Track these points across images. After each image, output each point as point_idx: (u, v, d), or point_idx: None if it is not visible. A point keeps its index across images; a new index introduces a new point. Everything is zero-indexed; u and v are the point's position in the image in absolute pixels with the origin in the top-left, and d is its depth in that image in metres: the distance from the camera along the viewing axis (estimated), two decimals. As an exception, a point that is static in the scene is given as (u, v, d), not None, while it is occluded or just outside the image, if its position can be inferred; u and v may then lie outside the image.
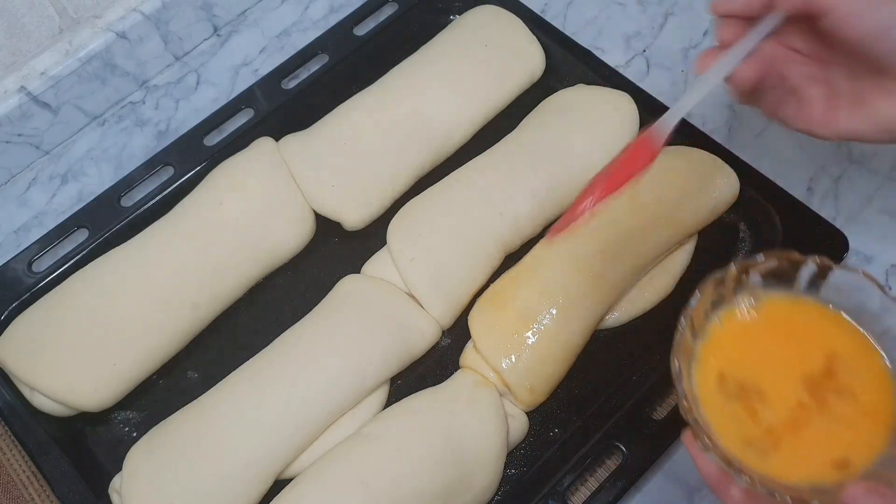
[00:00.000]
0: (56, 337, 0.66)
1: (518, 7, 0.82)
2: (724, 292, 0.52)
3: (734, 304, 0.52)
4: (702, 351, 0.50)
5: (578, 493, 0.62)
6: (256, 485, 0.61)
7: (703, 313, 0.51)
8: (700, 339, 0.51)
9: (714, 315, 0.52)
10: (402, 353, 0.66)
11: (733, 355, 0.51)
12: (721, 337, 0.51)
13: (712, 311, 0.52)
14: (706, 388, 0.49)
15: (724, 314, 0.52)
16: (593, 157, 0.72)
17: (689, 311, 0.50)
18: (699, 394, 0.49)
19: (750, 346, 0.51)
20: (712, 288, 0.51)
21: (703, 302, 0.50)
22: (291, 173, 0.72)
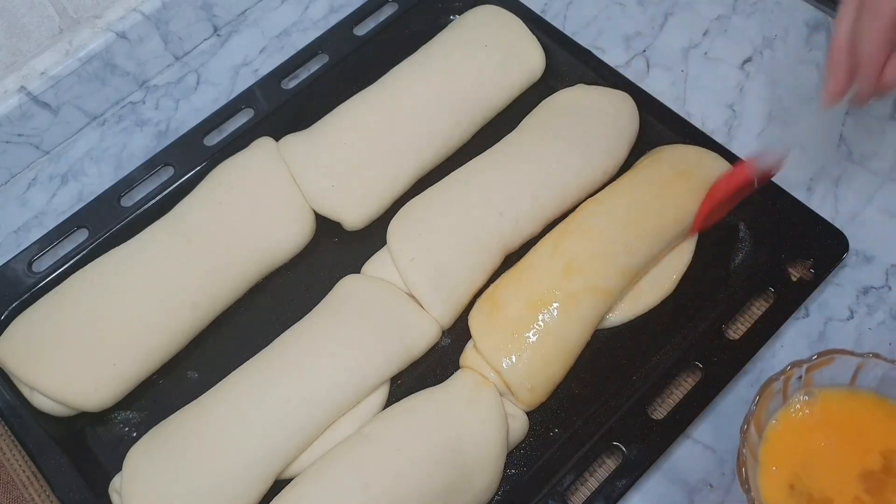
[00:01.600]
0: (56, 337, 0.66)
1: (518, 7, 0.82)
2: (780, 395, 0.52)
3: (790, 404, 0.52)
4: (763, 454, 0.51)
5: (578, 493, 0.62)
6: (256, 485, 0.61)
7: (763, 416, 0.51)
8: (761, 442, 0.51)
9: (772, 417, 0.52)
10: (402, 353, 0.66)
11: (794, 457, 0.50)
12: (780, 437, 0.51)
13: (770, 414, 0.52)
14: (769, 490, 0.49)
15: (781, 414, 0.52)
16: (593, 158, 0.72)
17: (751, 418, 0.50)
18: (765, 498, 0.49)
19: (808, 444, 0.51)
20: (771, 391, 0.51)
21: (762, 405, 0.50)
22: (291, 173, 0.72)
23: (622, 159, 0.73)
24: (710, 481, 0.63)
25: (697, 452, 0.64)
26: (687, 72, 0.82)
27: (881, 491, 0.49)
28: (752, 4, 0.85)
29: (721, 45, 0.83)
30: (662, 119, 0.75)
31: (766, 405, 0.51)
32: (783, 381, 0.51)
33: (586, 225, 0.68)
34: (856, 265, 0.70)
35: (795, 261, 0.68)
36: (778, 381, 0.51)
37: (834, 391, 0.52)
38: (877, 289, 0.70)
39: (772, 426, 0.52)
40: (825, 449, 0.51)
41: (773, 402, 0.52)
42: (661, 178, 0.70)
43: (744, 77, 0.81)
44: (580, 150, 0.72)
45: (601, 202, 0.70)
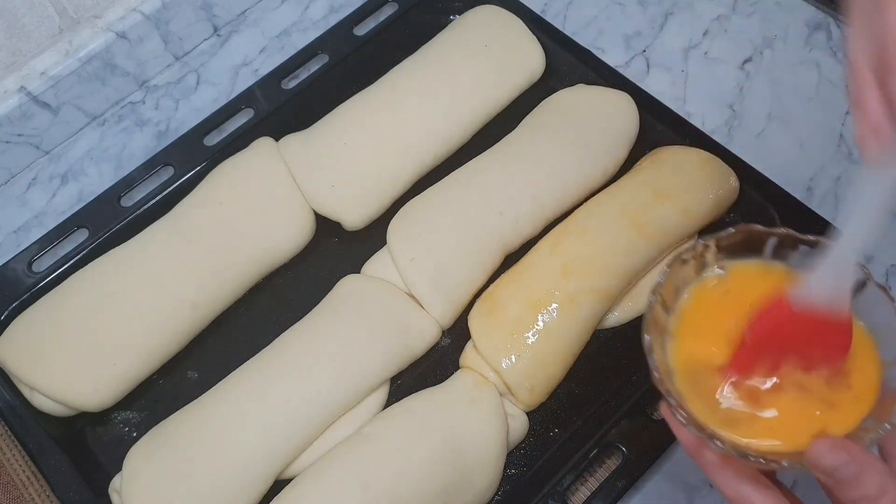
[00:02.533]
0: (56, 337, 0.66)
1: (518, 7, 0.82)
2: (692, 268, 0.52)
3: (703, 279, 0.52)
4: (675, 327, 0.51)
5: (578, 493, 0.62)
6: (256, 485, 0.61)
7: (674, 290, 0.51)
8: (672, 315, 0.51)
9: (685, 290, 0.52)
10: (402, 353, 0.66)
11: (705, 329, 0.51)
12: (692, 311, 0.52)
13: (683, 287, 0.52)
14: (680, 362, 0.50)
15: (693, 288, 0.52)
16: (593, 158, 0.72)
17: (659, 288, 0.50)
18: (673, 367, 0.50)
19: (720, 317, 0.51)
20: (680, 264, 0.51)
21: (671, 278, 0.51)
22: (291, 173, 0.72)
23: (622, 159, 0.73)
24: (710, 482, 0.63)
25: (697, 452, 0.64)
26: (687, 72, 0.82)
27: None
28: (752, 4, 0.85)
29: (721, 45, 0.84)
30: (662, 119, 0.75)
31: (676, 278, 0.51)
32: (695, 256, 0.52)
33: (586, 225, 0.68)
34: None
35: (795, 261, 0.68)
36: (689, 254, 0.51)
37: (747, 266, 0.52)
38: (877, 289, 0.69)
39: (685, 301, 0.52)
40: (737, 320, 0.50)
41: (685, 276, 0.52)
42: (661, 178, 0.70)
43: (744, 77, 0.81)
44: (580, 150, 0.72)
45: (601, 202, 0.70)
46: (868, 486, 0.42)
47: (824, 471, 0.43)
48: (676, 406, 0.47)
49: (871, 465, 0.43)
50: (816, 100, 0.79)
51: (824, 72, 0.81)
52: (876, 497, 0.42)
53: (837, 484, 0.43)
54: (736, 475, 0.47)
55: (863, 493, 0.42)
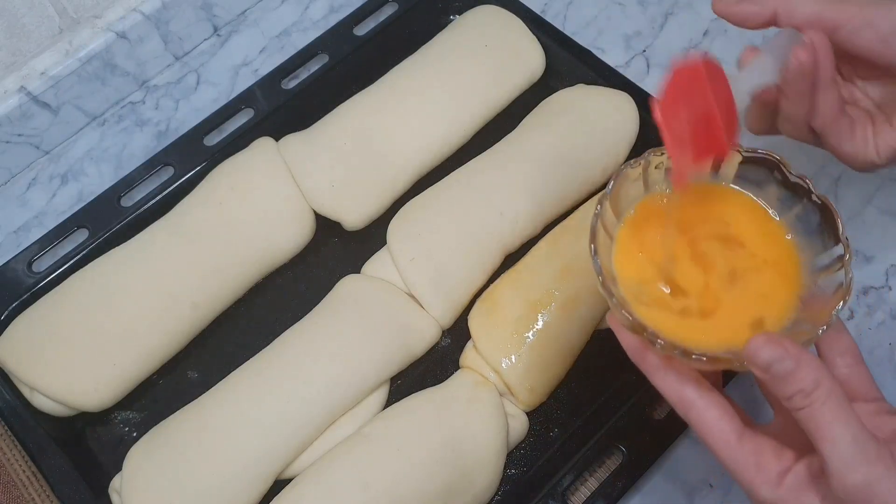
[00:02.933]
0: (56, 337, 0.66)
1: (518, 7, 0.82)
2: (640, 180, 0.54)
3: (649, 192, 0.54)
4: (619, 234, 0.53)
5: (578, 493, 0.62)
6: (256, 485, 0.61)
7: (619, 198, 0.53)
8: (618, 224, 0.53)
9: (632, 203, 0.54)
10: (402, 353, 0.66)
11: (646, 236, 0.53)
12: (636, 221, 0.53)
13: (631, 201, 0.54)
14: (623, 267, 0.51)
15: (640, 201, 0.54)
16: (593, 158, 0.72)
17: (605, 198, 0.52)
18: (617, 272, 0.51)
19: (661, 226, 0.53)
20: (626, 176, 0.53)
21: (617, 187, 0.52)
22: (291, 173, 0.72)
23: (622, 159, 0.73)
24: (710, 481, 0.63)
25: (697, 452, 0.64)
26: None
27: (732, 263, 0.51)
28: (752, 4, 0.85)
29: (721, 45, 0.83)
30: (662, 119, 0.75)
31: (622, 188, 0.53)
32: (642, 168, 0.53)
33: (586, 225, 0.67)
34: (856, 265, 0.70)
35: (795, 261, 0.68)
36: (636, 166, 0.53)
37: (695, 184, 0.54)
38: (877, 289, 0.70)
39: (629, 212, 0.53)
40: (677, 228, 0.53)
41: (633, 190, 0.54)
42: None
43: (744, 77, 0.81)
44: (580, 150, 0.72)
45: (601, 202, 0.70)
46: (803, 381, 0.43)
47: (761, 366, 0.44)
48: (619, 307, 0.48)
49: (805, 360, 0.43)
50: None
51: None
52: (810, 391, 0.43)
53: (773, 379, 0.44)
54: (678, 378, 0.48)
55: (798, 388, 0.43)
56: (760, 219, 0.53)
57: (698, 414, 0.47)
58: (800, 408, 0.44)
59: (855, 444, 0.42)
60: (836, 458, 0.42)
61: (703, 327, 0.49)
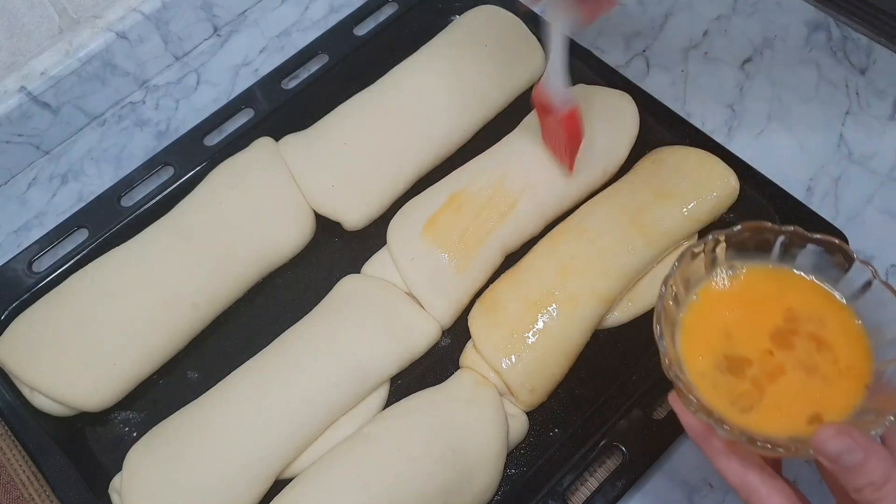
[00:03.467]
0: (56, 337, 0.66)
1: (518, 7, 0.82)
2: (702, 263, 0.54)
3: (713, 276, 0.54)
4: (684, 320, 0.53)
5: (578, 493, 0.62)
6: (256, 485, 0.61)
7: (684, 283, 0.53)
8: (682, 310, 0.53)
9: (695, 286, 0.54)
10: (402, 353, 0.66)
11: (714, 323, 0.53)
12: (702, 306, 0.53)
13: (693, 282, 0.54)
14: (689, 353, 0.51)
15: (703, 285, 0.54)
16: (593, 158, 0.72)
17: (669, 280, 0.52)
18: (683, 357, 0.51)
19: (728, 314, 0.53)
20: (690, 258, 0.53)
21: (682, 271, 0.52)
22: (291, 173, 0.72)
23: (622, 159, 0.73)
24: (710, 481, 0.63)
25: (697, 452, 0.64)
26: (687, 72, 0.82)
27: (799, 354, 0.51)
28: (752, 4, 0.85)
29: (721, 45, 0.83)
30: (662, 119, 0.75)
31: (686, 271, 0.53)
32: (705, 251, 0.53)
33: (586, 225, 0.68)
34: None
35: (795, 261, 0.68)
36: (699, 248, 0.53)
37: (756, 265, 0.54)
38: (877, 289, 0.69)
39: (694, 297, 0.54)
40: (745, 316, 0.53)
41: (695, 271, 0.54)
42: (661, 178, 0.70)
43: (744, 77, 0.81)
44: (580, 151, 0.72)
45: (601, 202, 0.70)
46: (873, 473, 0.43)
47: (829, 456, 0.44)
48: (685, 391, 0.48)
49: (875, 451, 0.43)
50: (816, 100, 0.79)
51: (824, 72, 0.81)
52: (881, 484, 0.43)
53: (842, 470, 0.44)
54: (742, 464, 0.48)
55: (868, 480, 0.43)
56: (830, 304, 0.52)
57: (760, 500, 0.47)
58: (870, 501, 0.43)
59: None
60: None
61: (767, 414, 0.49)
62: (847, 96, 0.79)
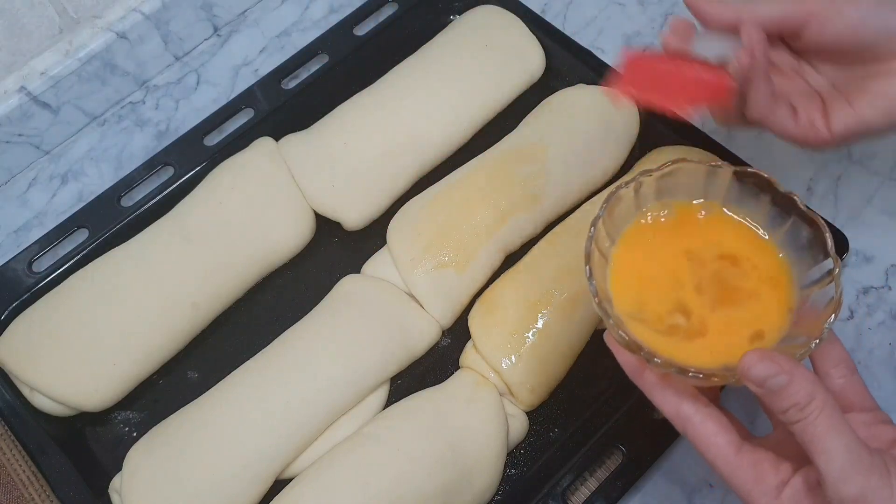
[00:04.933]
0: (56, 337, 0.66)
1: (518, 7, 0.82)
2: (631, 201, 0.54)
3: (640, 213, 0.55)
4: (614, 255, 0.54)
5: (578, 493, 0.62)
6: (256, 485, 0.61)
7: (613, 223, 0.54)
8: (612, 247, 0.54)
9: (624, 224, 0.55)
10: (402, 353, 0.66)
11: (640, 256, 0.54)
12: (630, 241, 0.54)
13: (622, 222, 0.54)
14: (618, 287, 0.52)
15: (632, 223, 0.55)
16: (593, 158, 0.72)
17: (598, 221, 0.52)
18: (612, 292, 0.52)
19: (655, 246, 0.54)
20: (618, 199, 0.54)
21: (610, 210, 0.53)
22: (291, 173, 0.72)
23: (622, 159, 0.73)
24: (710, 481, 0.63)
25: (697, 453, 0.64)
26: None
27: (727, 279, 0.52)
28: (752, 4, 0.85)
29: (721, 45, 0.83)
30: (662, 119, 0.75)
31: (614, 211, 0.54)
32: (633, 189, 0.54)
33: (586, 225, 0.68)
34: (856, 265, 0.70)
35: (795, 261, 0.68)
36: (628, 187, 0.54)
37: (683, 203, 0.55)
38: (877, 289, 0.70)
39: (623, 232, 0.54)
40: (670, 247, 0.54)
41: (626, 211, 0.54)
42: (661, 178, 0.70)
43: (744, 77, 0.81)
44: (580, 151, 0.72)
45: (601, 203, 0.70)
46: (797, 395, 0.44)
47: (755, 381, 0.45)
48: (615, 327, 0.49)
49: (799, 374, 0.44)
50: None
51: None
52: (804, 404, 0.44)
53: (768, 394, 0.45)
54: (676, 394, 0.49)
55: (792, 402, 0.44)
56: (752, 238, 0.54)
57: (695, 428, 0.48)
58: (795, 421, 0.44)
59: (849, 456, 0.43)
60: (832, 469, 0.43)
61: (698, 344, 0.50)
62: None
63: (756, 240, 0.54)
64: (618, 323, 0.50)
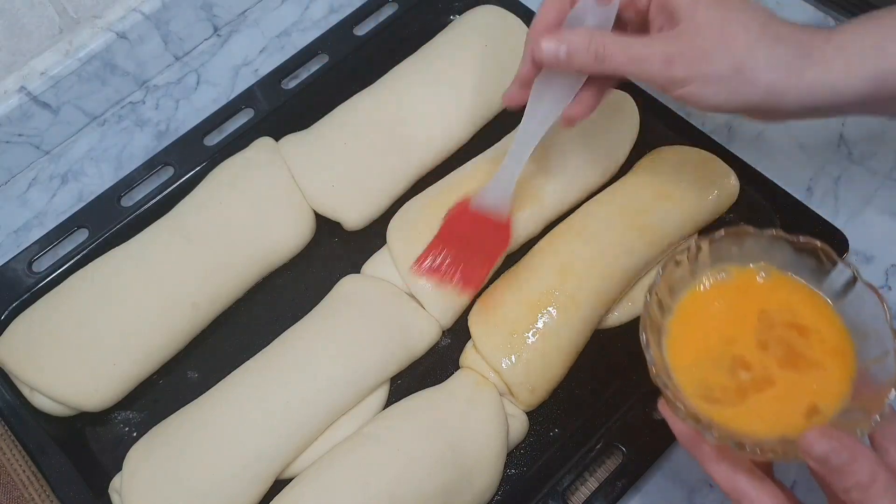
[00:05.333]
0: (56, 337, 0.66)
1: (518, 7, 0.82)
2: (686, 269, 0.54)
3: (697, 281, 0.54)
4: (671, 325, 0.53)
5: (578, 493, 0.62)
6: (256, 485, 0.61)
7: (669, 290, 0.53)
8: (668, 314, 0.53)
9: (680, 291, 0.54)
10: (402, 353, 0.66)
11: (699, 327, 0.53)
12: (687, 312, 0.53)
13: (678, 287, 0.54)
14: (675, 356, 0.52)
15: (688, 290, 0.54)
16: (593, 158, 0.72)
17: (654, 288, 0.52)
18: (670, 361, 0.51)
19: (714, 314, 0.53)
20: (674, 265, 0.53)
21: (666, 278, 0.53)
22: (291, 173, 0.72)
23: (622, 159, 0.73)
24: (709, 481, 0.63)
25: (697, 452, 0.64)
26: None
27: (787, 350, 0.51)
28: (752, 4, 0.85)
29: (721, 45, 0.83)
30: (662, 119, 0.76)
31: (670, 278, 0.53)
32: (689, 257, 0.54)
33: (586, 225, 0.68)
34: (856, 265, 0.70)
35: (795, 261, 0.68)
36: (683, 255, 0.53)
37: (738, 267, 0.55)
38: (877, 289, 0.70)
39: (680, 301, 0.54)
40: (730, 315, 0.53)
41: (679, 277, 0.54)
42: (661, 178, 0.70)
43: (744, 77, 0.81)
44: (580, 151, 0.72)
45: (601, 203, 0.70)
46: (859, 474, 0.43)
47: (816, 458, 0.44)
48: (673, 398, 0.48)
49: (861, 452, 0.44)
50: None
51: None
52: (867, 484, 0.43)
53: (830, 472, 0.44)
54: (732, 468, 0.48)
55: (855, 481, 0.43)
56: (817, 306, 0.53)
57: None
58: (857, 501, 0.43)
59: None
60: None
61: (757, 415, 0.49)
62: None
63: (821, 308, 0.53)
64: (675, 394, 0.49)
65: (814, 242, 0.53)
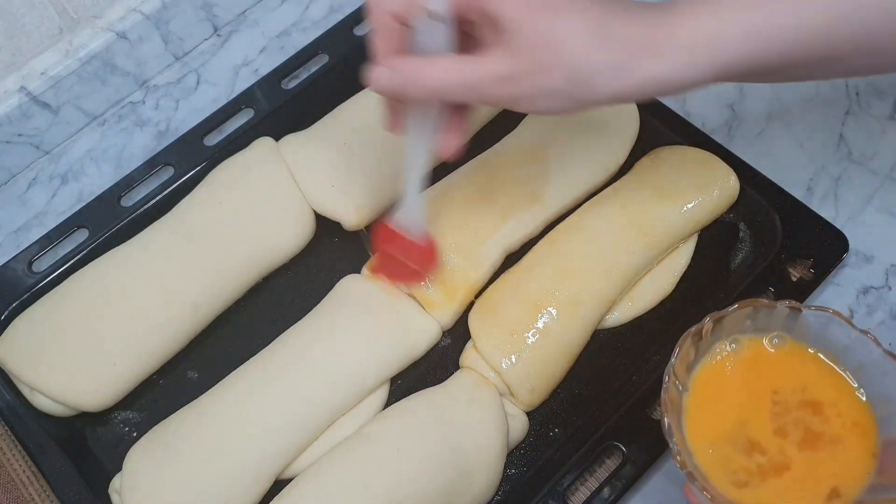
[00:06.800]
0: (56, 337, 0.66)
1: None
2: (701, 344, 0.53)
3: (713, 354, 0.54)
4: (689, 404, 0.53)
5: (578, 493, 0.62)
6: (256, 485, 0.61)
7: (685, 367, 0.53)
8: (685, 393, 0.53)
9: (696, 366, 0.54)
10: (402, 353, 0.66)
11: (715, 404, 0.53)
12: (705, 386, 0.53)
13: (693, 364, 0.54)
14: (697, 438, 0.52)
15: (703, 365, 0.54)
16: (593, 157, 0.72)
17: (671, 368, 0.52)
18: (691, 445, 0.51)
19: (729, 392, 0.53)
20: (690, 342, 0.53)
21: (682, 357, 0.52)
22: (291, 173, 0.72)
23: (622, 159, 0.73)
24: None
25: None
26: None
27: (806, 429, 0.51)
28: (752, 4, 0.85)
29: (721, 45, 0.83)
30: (662, 119, 0.75)
31: (686, 356, 0.53)
32: (702, 333, 0.53)
33: (586, 225, 0.68)
34: (856, 265, 0.70)
35: (795, 261, 0.68)
36: (696, 332, 0.53)
37: (755, 339, 0.54)
38: (877, 289, 0.70)
39: (697, 376, 0.54)
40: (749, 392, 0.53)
41: (694, 353, 0.54)
42: (661, 178, 0.70)
43: (744, 77, 0.81)
44: (580, 151, 0.72)
45: (601, 203, 0.70)
46: None
47: None
48: (701, 487, 0.48)
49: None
50: (816, 100, 0.79)
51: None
52: None
53: None
54: None
55: None
56: (833, 377, 0.52)
57: None
58: None
59: None
60: None
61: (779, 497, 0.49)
62: (847, 96, 0.79)
63: (838, 380, 0.52)
64: (701, 478, 0.49)
65: (826, 311, 0.52)
